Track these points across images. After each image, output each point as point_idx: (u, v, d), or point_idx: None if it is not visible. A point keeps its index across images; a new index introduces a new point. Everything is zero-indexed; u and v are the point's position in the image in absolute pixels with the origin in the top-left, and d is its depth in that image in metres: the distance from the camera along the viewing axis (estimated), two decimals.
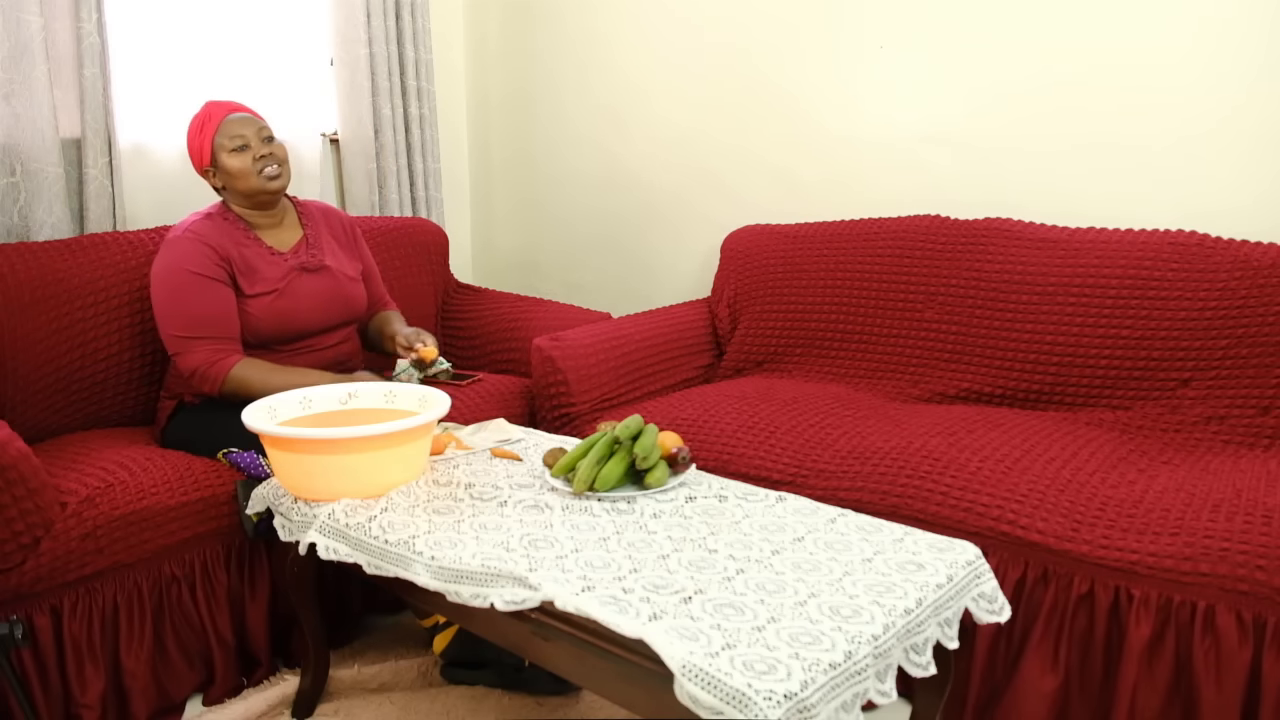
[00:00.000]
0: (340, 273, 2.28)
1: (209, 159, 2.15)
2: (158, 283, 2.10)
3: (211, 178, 2.19)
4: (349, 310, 2.30)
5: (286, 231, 2.26)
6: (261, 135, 2.17)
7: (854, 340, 2.61)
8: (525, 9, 3.41)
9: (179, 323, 2.07)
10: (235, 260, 2.13)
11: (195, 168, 2.21)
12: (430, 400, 1.84)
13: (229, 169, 2.14)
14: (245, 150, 2.14)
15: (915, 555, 1.44)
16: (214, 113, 2.17)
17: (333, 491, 1.68)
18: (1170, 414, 2.17)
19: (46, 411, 2.19)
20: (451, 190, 3.53)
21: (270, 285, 2.15)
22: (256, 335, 2.14)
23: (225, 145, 2.13)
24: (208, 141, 2.15)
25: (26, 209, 2.35)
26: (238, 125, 2.15)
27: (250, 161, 2.14)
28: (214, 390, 2.07)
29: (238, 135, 2.14)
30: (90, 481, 1.85)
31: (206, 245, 2.10)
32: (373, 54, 3.01)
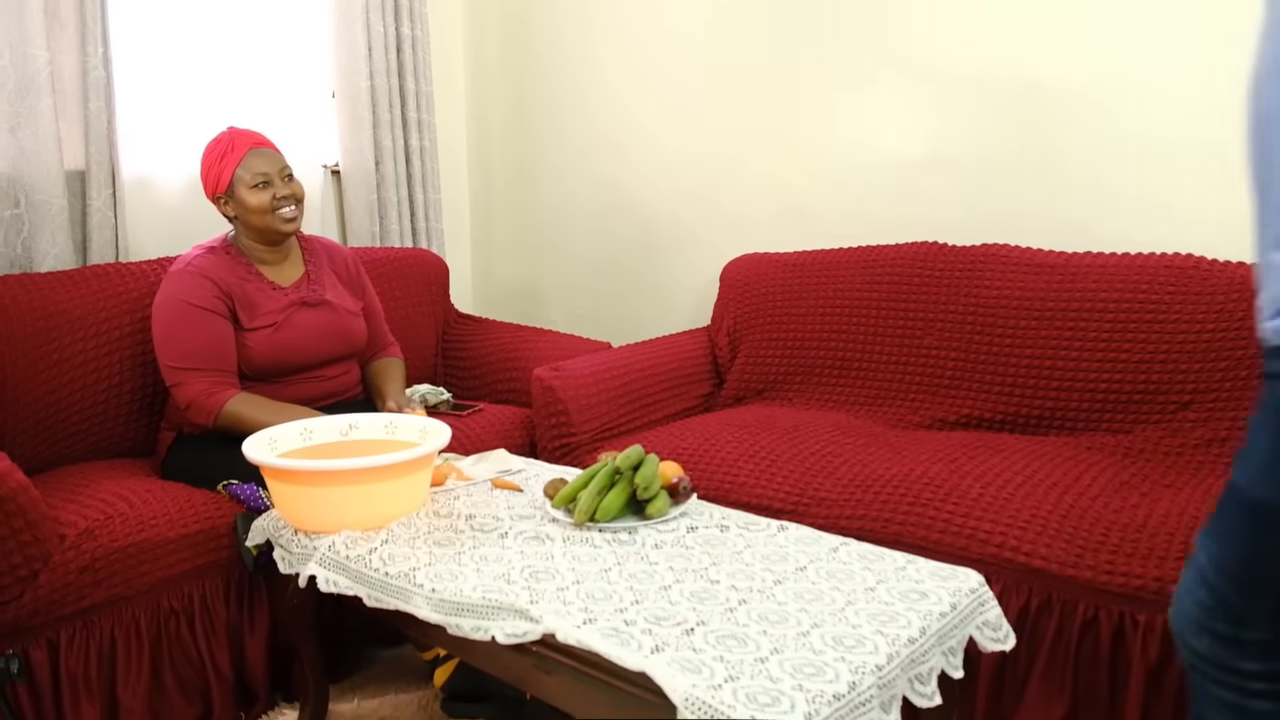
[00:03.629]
0: (341, 307, 2.29)
1: (225, 188, 2.16)
2: (158, 314, 2.12)
3: (223, 205, 2.19)
4: (348, 344, 2.30)
5: (289, 266, 2.28)
6: (283, 174, 2.18)
7: (854, 368, 2.61)
8: (525, 40, 3.44)
9: (176, 354, 2.09)
10: (236, 294, 2.14)
11: (206, 192, 2.21)
12: (431, 431, 1.84)
13: (246, 204, 2.15)
14: (267, 188, 2.15)
15: (918, 584, 1.43)
16: (238, 142, 2.17)
17: (333, 523, 1.68)
18: (1171, 437, 2.17)
19: (47, 442, 2.19)
20: (452, 220, 3.55)
21: (270, 319, 2.16)
22: (254, 368, 2.14)
23: (246, 180, 2.14)
24: (228, 171, 2.15)
25: (30, 240, 2.36)
26: (262, 161, 2.16)
27: (269, 200, 2.15)
28: (208, 423, 2.07)
29: (261, 173, 2.14)
30: (89, 513, 1.84)
31: (207, 279, 2.11)
32: (374, 86, 3.04)
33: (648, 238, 3.27)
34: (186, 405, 2.07)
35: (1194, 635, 1.21)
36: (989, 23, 2.54)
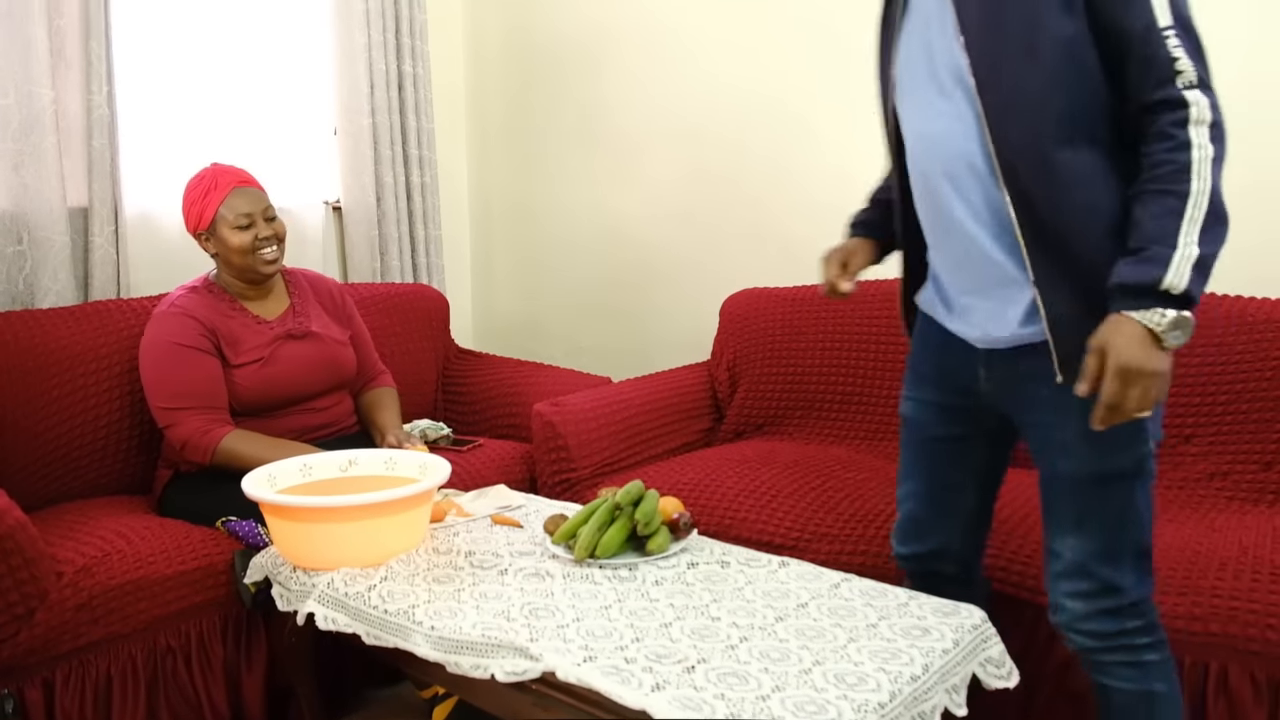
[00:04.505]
0: (328, 338, 2.29)
1: (208, 225, 2.17)
2: (145, 357, 2.13)
3: (204, 242, 2.20)
4: (338, 375, 2.30)
5: (273, 301, 2.28)
6: (266, 215, 2.19)
7: (855, 402, 2.61)
8: (525, 76, 3.48)
9: (167, 394, 2.09)
10: (220, 331, 2.14)
11: (188, 228, 2.22)
12: (430, 467, 1.84)
13: (228, 243, 2.16)
14: (249, 229, 2.16)
15: (920, 620, 1.42)
16: (221, 180, 2.17)
17: (332, 560, 1.67)
18: (1173, 470, 2.16)
19: (46, 479, 2.18)
20: (452, 256, 3.56)
21: (256, 354, 2.16)
22: (244, 403, 2.14)
23: (229, 219, 2.15)
24: (211, 208, 2.15)
25: (32, 276, 2.37)
26: (245, 201, 2.16)
27: (251, 240, 2.16)
28: (205, 461, 2.07)
29: (245, 213, 2.15)
30: (87, 550, 1.83)
31: (191, 317, 2.12)
32: (375, 124, 3.07)
33: (648, 273, 3.28)
34: (182, 445, 2.07)
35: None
36: None
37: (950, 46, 1.38)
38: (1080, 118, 1.33)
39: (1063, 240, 1.34)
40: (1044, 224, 1.34)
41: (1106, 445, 1.35)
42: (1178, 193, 1.25)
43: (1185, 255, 1.23)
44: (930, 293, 1.57)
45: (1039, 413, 1.43)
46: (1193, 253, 1.23)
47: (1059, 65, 1.31)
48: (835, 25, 2.79)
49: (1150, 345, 1.23)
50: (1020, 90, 1.32)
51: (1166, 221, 1.24)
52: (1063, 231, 1.33)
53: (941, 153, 1.41)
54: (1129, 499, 1.39)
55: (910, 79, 1.46)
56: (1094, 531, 1.40)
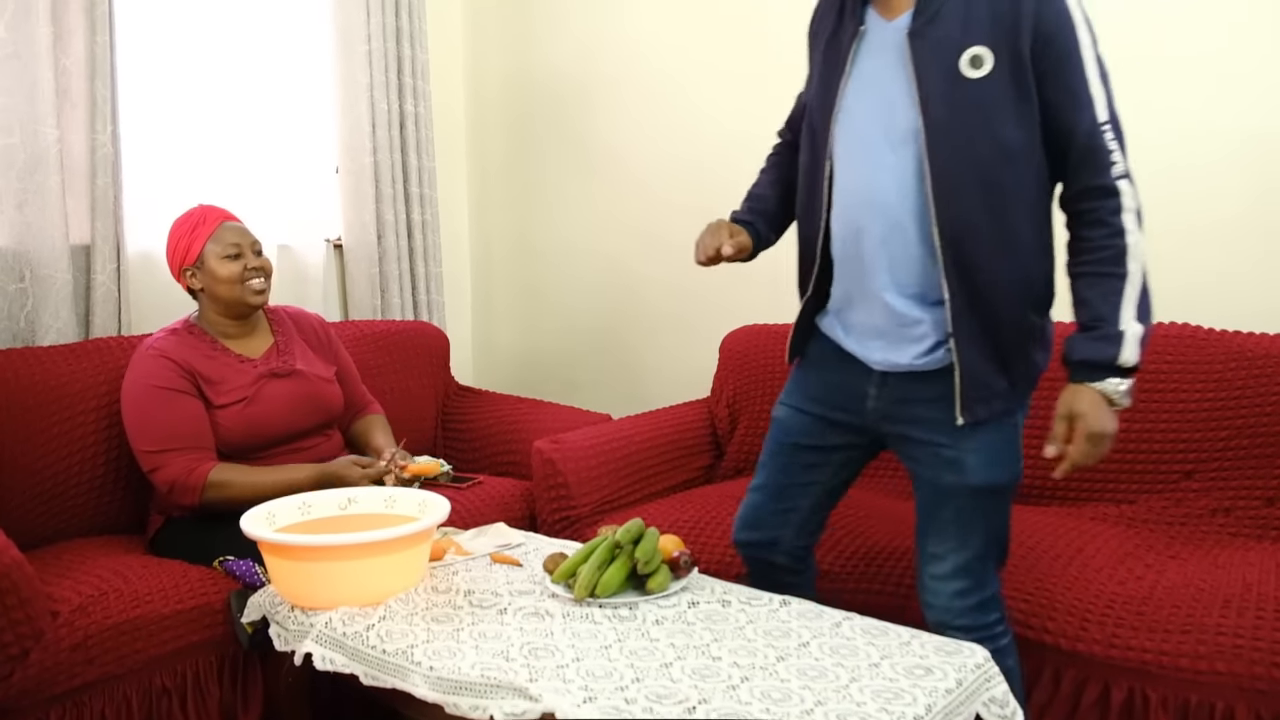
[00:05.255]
0: (313, 375, 2.27)
1: (195, 259, 2.17)
2: (125, 401, 2.11)
3: (190, 278, 2.19)
4: (324, 412, 2.28)
5: (256, 339, 2.27)
6: (254, 248, 2.20)
7: None
8: (528, 114, 3.51)
9: (150, 438, 2.06)
10: (200, 372, 2.12)
11: (172, 265, 2.21)
12: (430, 505, 1.83)
13: (216, 274, 2.15)
14: (238, 259, 2.16)
15: (923, 659, 1.41)
16: (209, 216, 2.19)
17: (330, 599, 1.66)
18: (1175, 507, 2.15)
19: (44, 516, 2.17)
20: (452, 293, 3.58)
21: (239, 393, 2.14)
22: (230, 445, 2.12)
23: (218, 251, 2.15)
24: (199, 242, 2.16)
25: (33, 314, 2.38)
26: (233, 234, 2.18)
27: (240, 270, 2.16)
28: (194, 501, 2.03)
29: (233, 244, 2.16)
30: (83, 589, 1.82)
31: (167, 359, 2.10)
32: (377, 162, 3.09)
33: (647, 310, 3.29)
34: (169, 488, 2.04)
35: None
36: None
37: (907, 110, 1.49)
38: (1023, 193, 1.48)
39: (992, 306, 1.49)
40: (978, 289, 1.48)
41: (994, 464, 1.55)
42: (1118, 274, 1.42)
43: (1133, 333, 1.41)
44: (831, 318, 1.69)
45: (929, 433, 1.57)
46: (1138, 330, 1.41)
47: (1010, 154, 1.46)
48: None
49: (1109, 410, 1.43)
50: (970, 173, 1.46)
51: (1113, 302, 1.42)
52: (993, 298, 1.49)
53: (879, 207, 1.53)
54: (1004, 510, 1.60)
55: (859, 131, 1.55)
56: (975, 538, 1.56)
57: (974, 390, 1.51)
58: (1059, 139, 1.46)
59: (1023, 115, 1.45)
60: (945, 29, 1.46)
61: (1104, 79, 1.45)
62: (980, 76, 1.44)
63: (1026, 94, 1.44)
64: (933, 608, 1.60)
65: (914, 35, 1.48)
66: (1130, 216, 1.43)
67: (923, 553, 1.62)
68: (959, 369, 1.51)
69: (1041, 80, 1.44)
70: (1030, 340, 1.55)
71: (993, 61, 1.43)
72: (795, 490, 1.75)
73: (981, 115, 1.44)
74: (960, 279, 1.48)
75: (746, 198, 1.86)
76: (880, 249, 1.54)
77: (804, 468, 1.74)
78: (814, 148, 1.63)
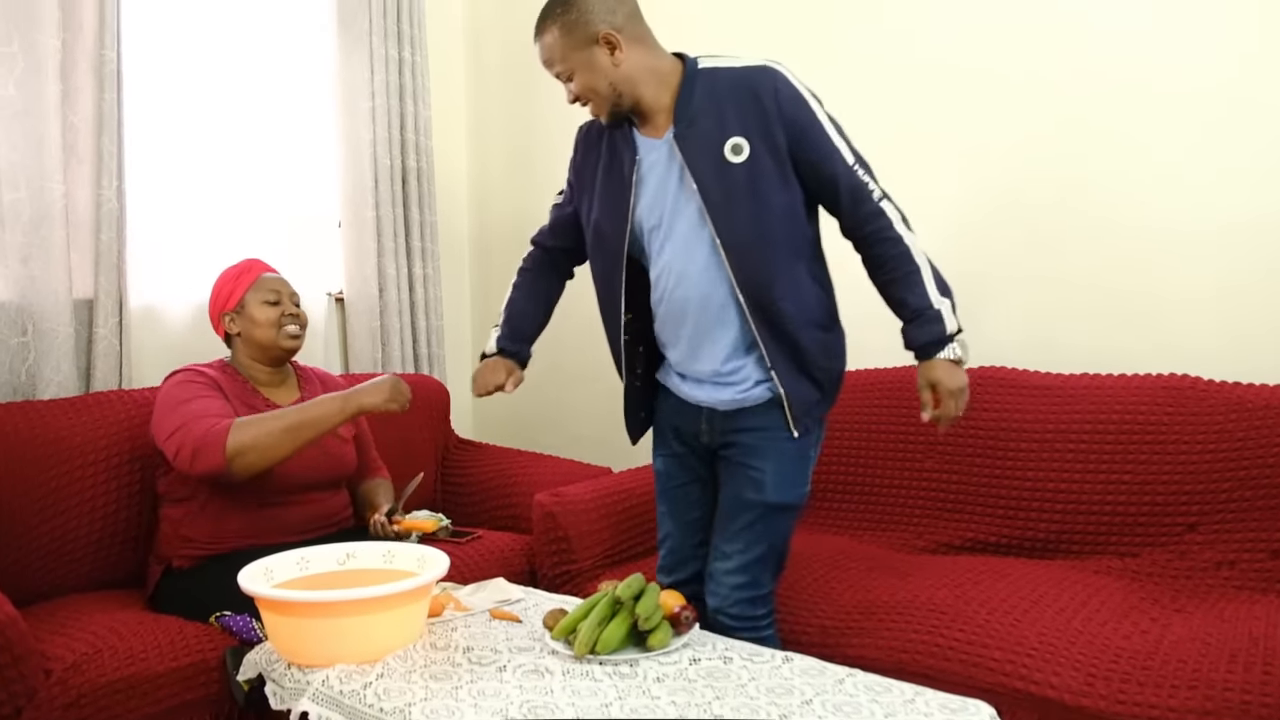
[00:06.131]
0: (334, 434, 2.29)
1: (235, 304, 2.23)
2: (160, 405, 2.11)
3: (229, 323, 2.25)
4: (338, 470, 2.30)
5: (285, 390, 2.30)
6: (293, 298, 2.28)
7: (856, 491, 2.60)
8: (527, 170, 3.55)
9: (174, 420, 2.04)
10: (232, 402, 2.15)
11: (213, 312, 2.27)
12: (429, 560, 1.82)
13: (255, 318, 2.22)
14: (276, 305, 2.23)
15: (928, 716, 1.40)
16: (254, 267, 2.29)
17: (327, 656, 1.64)
18: (1179, 560, 2.14)
19: (41, 572, 2.15)
20: (453, 346, 3.59)
21: None
22: (240, 489, 2.10)
23: (258, 297, 2.23)
24: (242, 289, 2.24)
25: (35, 368, 2.38)
26: (275, 283, 2.27)
27: (277, 316, 2.23)
28: (220, 458, 1.96)
29: (274, 290, 2.25)
30: (78, 646, 1.80)
31: (205, 376, 2.16)
32: (379, 216, 3.12)
33: None
34: (193, 452, 1.98)
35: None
36: (974, 153, 2.63)
37: (691, 199, 1.78)
38: (795, 243, 1.80)
39: (794, 339, 1.80)
40: (781, 329, 1.79)
41: (787, 486, 1.86)
42: (912, 271, 1.76)
43: (945, 307, 1.76)
44: (666, 370, 2.00)
45: (743, 456, 1.87)
46: (946, 303, 1.76)
47: (781, 219, 1.77)
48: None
49: (957, 369, 1.76)
50: (751, 236, 1.76)
51: (920, 292, 1.76)
52: (793, 332, 1.80)
53: (692, 284, 1.82)
54: (788, 526, 1.90)
55: (661, 230, 1.84)
56: (759, 544, 1.86)
57: (800, 409, 1.83)
58: (828, 188, 1.78)
59: (784, 182, 1.76)
60: (704, 129, 1.76)
61: (840, 133, 1.78)
62: (742, 160, 1.74)
63: (784, 165, 1.75)
64: (714, 595, 1.89)
65: (679, 139, 1.78)
66: (900, 225, 1.77)
67: (715, 549, 1.91)
68: (786, 399, 1.82)
69: (798, 150, 1.75)
70: (825, 354, 1.86)
71: (749, 147, 1.74)
72: (695, 525, 2.02)
73: (750, 190, 1.75)
74: (767, 326, 1.79)
75: (507, 319, 2.14)
76: (701, 318, 1.83)
77: (692, 503, 2.02)
78: (606, 259, 1.93)
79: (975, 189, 2.63)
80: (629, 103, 1.82)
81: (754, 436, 1.86)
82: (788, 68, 1.79)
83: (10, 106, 2.33)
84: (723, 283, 1.80)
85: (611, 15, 1.77)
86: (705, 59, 1.82)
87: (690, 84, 1.79)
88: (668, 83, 1.81)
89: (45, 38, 2.34)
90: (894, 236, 1.76)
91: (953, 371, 1.75)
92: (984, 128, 2.60)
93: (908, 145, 2.71)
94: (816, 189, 1.79)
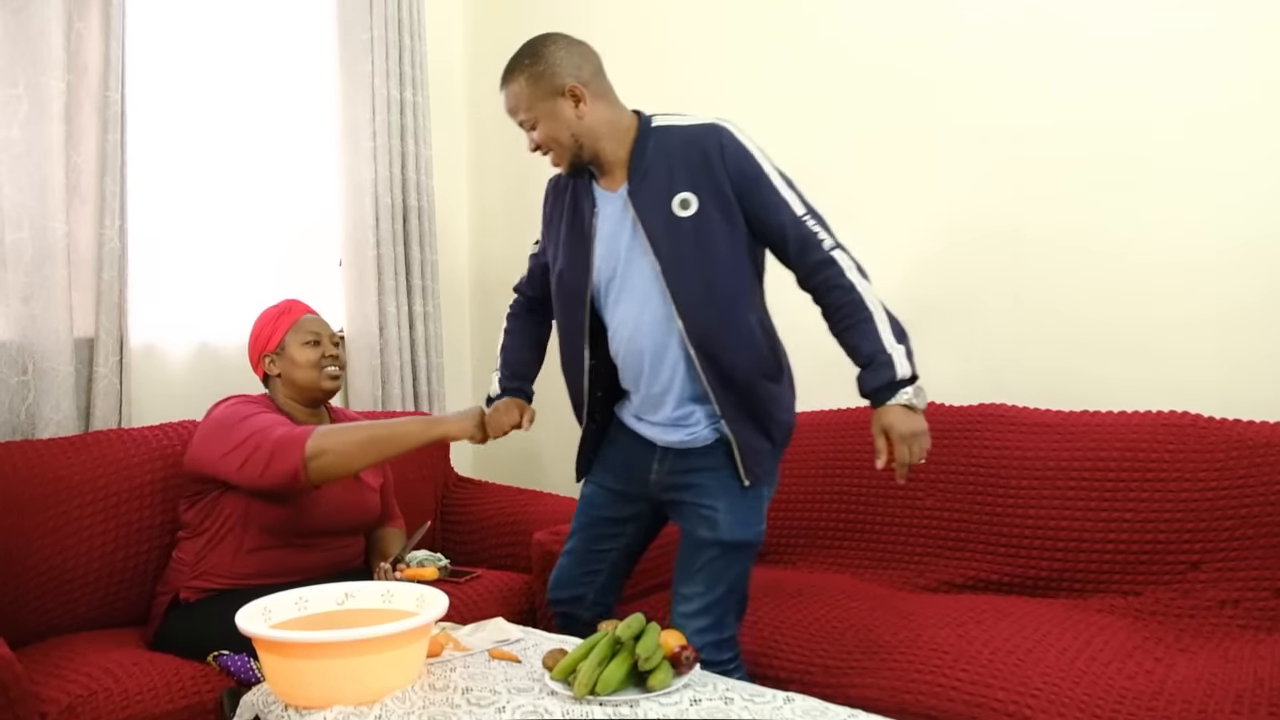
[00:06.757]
0: (364, 482, 2.31)
1: (275, 346, 2.25)
2: (217, 424, 2.10)
3: (269, 364, 2.26)
4: (363, 518, 2.30)
5: None
6: (333, 339, 2.30)
7: (857, 529, 2.59)
8: (527, 203, 3.54)
9: (244, 430, 2.05)
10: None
11: (253, 353, 2.28)
12: (428, 600, 1.81)
13: (295, 359, 2.23)
14: (316, 346, 2.25)
15: None
16: (294, 308, 2.31)
17: (324, 698, 1.62)
18: (1183, 598, 2.13)
19: (37, 612, 2.14)
20: (453, 383, 3.59)
21: None
22: (267, 524, 2.12)
23: (298, 339, 2.25)
24: (282, 330, 2.26)
25: (34, 407, 2.38)
26: (315, 324, 2.29)
27: (318, 357, 2.25)
28: (298, 456, 1.98)
29: (313, 331, 2.27)
30: (73, 689, 1.79)
31: (263, 401, 2.19)
32: (380, 255, 3.14)
33: None
34: (271, 451, 1.99)
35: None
36: (970, 182, 2.64)
37: (644, 252, 1.85)
38: (743, 295, 1.86)
39: (742, 387, 1.86)
40: (730, 378, 1.85)
41: (742, 525, 1.89)
42: (865, 318, 1.79)
43: (899, 353, 1.78)
44: (625, 407, 2.05)
45: (697, 497, 1.91)
46: (900, 349, 1.78)
47: (729, 271, 1.83)
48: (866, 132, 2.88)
49: (912, 414, 1.77)
50: (699, 289, 1.82)
51: (873, 339, 1.78)
52: (742, 380, 1.85)
53: (647, 333, 1.88)
54: (746, 565, 1.92)
55: (617, 282, 1.91)
56: (719, 585, 1.89)
57: (750, 456, 1.88)
58: (776, 238, 1.84)
59: (731, 235, 1.82)
60: (655, 185, 1.84)
61: (789, 185, 1.84)
62: (690, 215, 1.82)
63: (731, 219, 1.82)
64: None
65: (633, 194, 1.86)
66: (852, 273, 1.81)
67: (675, 594, 1.94)
68: (735, 444, 1.87)
69: (746, 204, 1.82)
70: (776, 405, 1.92)
71: (698, 201, 1.81)
72: (597, 556, 2.09)
73: (698, 244, 1.81)
74: (715, 373, 1.84)
75: (505, 362, 2.23)
76: (655, 368, 1.90)
77: (604, 537, 2.09)
78: (569, 309, 1.99)
79: (971, 221, 2.64)
80: (589, 155, 1.90)
81: (705, 477, 1.91)
82: (735, 125, 1.86)
83: (14, 148, 2.35)
84: (674, 334, 1.86)
85: (578, 70, 1.87)
86: (660, 116, 1.91)
87: (644, 140, 1.88)
88: (625, 138, 1.89)
89: (50, 80, 2.37)
90: (845, 285, 1.80)
91: (906, 417, 1.76)
92: (981, 157, 2.62)
93: (900, 171, 2.73)
94: (766, 240, 1.86)
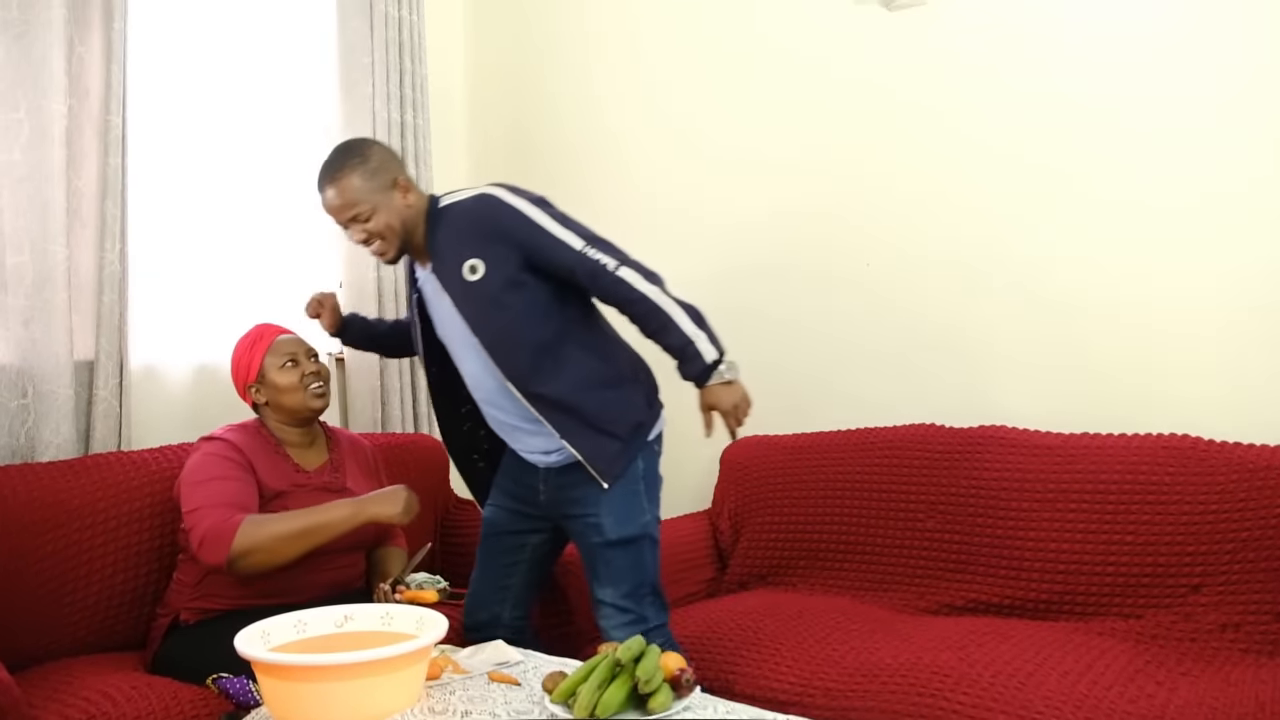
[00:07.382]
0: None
1: (255, 375, 2.23)
2: (187, 474, 2.12)
3: (254, 394, 2.25)
4: (363, 537, 2.28)
5: (314, 452, 2.31)
6: (309, 354, 2.28)
7: (857, 552, 2.58)
8: None
9: (197, 497, 2.06)
10: (260, 470, 2.15)
11: (237, 384, 2.28)
12: (427, 623, 1.80)
13: (277, 384, 2.22)
14: (295, 367, 2.23)
15: None
16: (265, 332, 2.28)
17: None
18: (1184, 622, 2.12)
19: (36, 635, 2.13)
20: None
21: (289, 500, 2.16)
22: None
23: (275, 363, 2.23)
24: (258, 358, 2.23)
25: (34, 430, 2.37)
26: (288, 345, 2.27)
27: (299, 378, 2.23)
28: (223, 553, 1.97)
29: (288, 353, 2.24)
30: (71, 714, 1.77)
31: (235, 447, 2.15)
32: (380, 277, 3.14)
33: None
34: (200, 541, 2.00)
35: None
36: (971, 213, 2.66)
37: (457, 316, 2.06)
38: (555, 340, 2.05)
39: (574, 407, 2.05)
40: (556, 403, 2.05)
41: (623, 522, 2.07)
42: (665, 319, 2.00)
43: (701, 338, 2.00)
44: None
45: (580, 508, 2.10)
46: (701, 335, 2.00)
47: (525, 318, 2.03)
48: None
49: (730, 387, 2.02)
50: (503, 338, 2.04)
51: (676, 333, 1.99)
52: (572, 402, 2.05)
53: (481, 382, 2.14)
54: (640, 555, 2.09)
55: (450, 340, 2.16)
56: (623, 581, 2.07)
57: (599, 461, 2.06)
58: (568, 276, 2.02)
59: (526, 287, 2.02)
60: (447, 257, 2.06)
61: (564, 224, 2.03)
62: (479, 278, 2.02)
63: (519, 273, 2.01)
64: (609, 637, 2.04)
65: (435, 269, 2.09)
66: (642, 284, 1.99)
67: (593, 605, 2.13)
68: (582, 457, 2.05)
69: (531, 256, 2.01)
70: (616, 407, 2.09)
71: (484, 265, 2.01)
72: (505, 572, 2.26)
73: (492, 301, 2.02)
74: (539, 404, 2.05)
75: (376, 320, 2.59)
76: (499, 410, 2.14)
77: (508, 551, 2.26)
78: (431, 370, 2.27)
79: (976, 246, 2.66)
80: (410, 240, 2.11)
81: (581, 490, 2.09)
82: (504, 187, 2.07)
83: (15, 171, 2.35)
84: (498, 378, 2.07)
85: (400, 165, 2.14)
86: (445, 197, 2.12)
87: (434, 222, 2.09)
88: (423, 222, 2.11)
89: (52, 104, 2.37)
90: (637, 296, 1.99)
91: (724, 392, 2.01)
92: (992, 182, 2.64)
93: (898, 189, 2.75)
94: (562, 279, 2.04)
